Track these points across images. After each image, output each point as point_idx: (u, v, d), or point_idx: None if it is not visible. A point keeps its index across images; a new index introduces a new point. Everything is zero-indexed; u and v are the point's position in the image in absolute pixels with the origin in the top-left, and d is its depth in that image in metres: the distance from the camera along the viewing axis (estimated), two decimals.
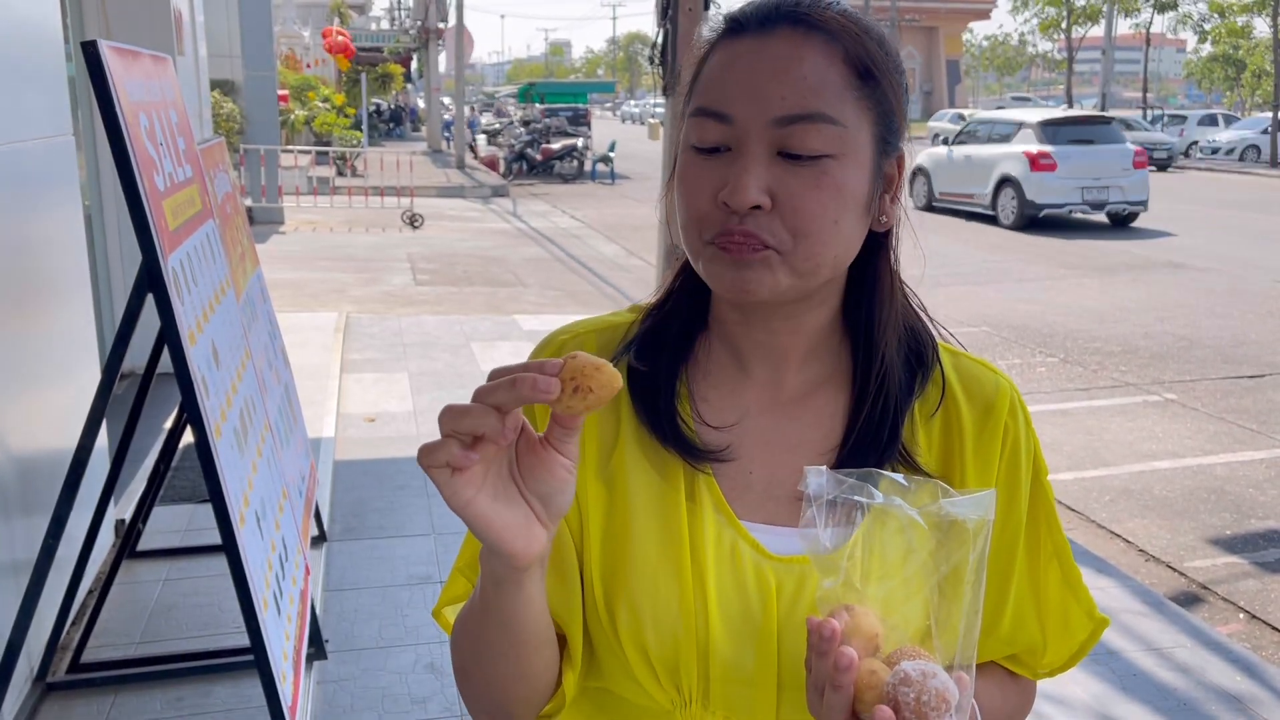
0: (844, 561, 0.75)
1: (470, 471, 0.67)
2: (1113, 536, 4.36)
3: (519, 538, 0.70)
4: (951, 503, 0.74)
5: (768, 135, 0.78)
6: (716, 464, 0.87)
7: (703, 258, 0.82)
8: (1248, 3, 29.28)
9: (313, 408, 5.00)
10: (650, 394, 0.88)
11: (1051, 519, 0.93)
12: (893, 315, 0.89)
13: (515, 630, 0.79)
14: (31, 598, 2.41)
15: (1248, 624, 3.65)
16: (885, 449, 0.86)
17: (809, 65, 0.78)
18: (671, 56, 5.66)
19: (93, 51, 1.92)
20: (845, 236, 0.81)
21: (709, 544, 0.84)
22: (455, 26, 25.08)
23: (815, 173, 0.78)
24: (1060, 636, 0.94)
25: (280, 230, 12.50)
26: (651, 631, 0.84)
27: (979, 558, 0.74)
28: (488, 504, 0.69)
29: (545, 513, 0.71)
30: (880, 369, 0.87)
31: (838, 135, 0.78)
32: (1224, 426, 5.78)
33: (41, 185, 3.05)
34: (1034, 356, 7.31)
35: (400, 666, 3.01)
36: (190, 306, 2.18)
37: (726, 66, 0.81)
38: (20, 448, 2.74)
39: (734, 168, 0.79)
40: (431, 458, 0.66)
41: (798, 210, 0.78)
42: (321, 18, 28.90)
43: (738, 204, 0.78)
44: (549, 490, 0.70)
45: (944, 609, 0.75)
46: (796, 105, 0.77)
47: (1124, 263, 11.34)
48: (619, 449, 0.88)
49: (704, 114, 0.81)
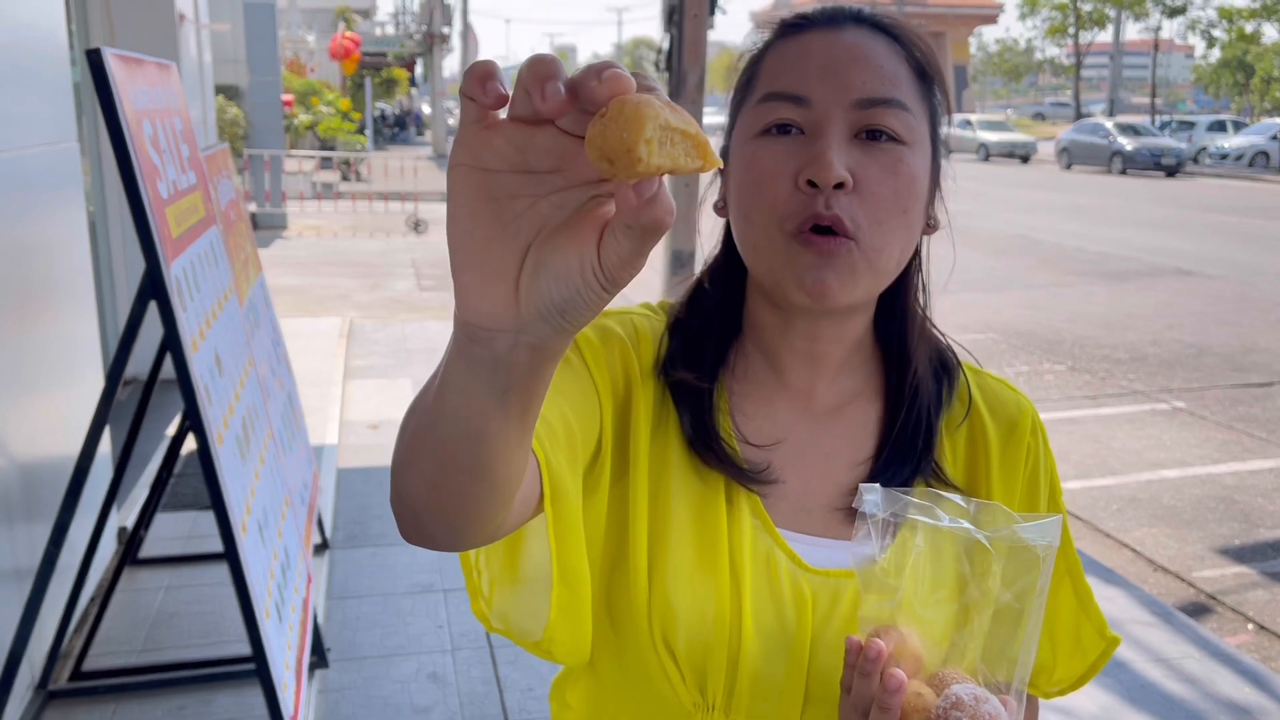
0: (898, 580, 0.74)
1: (497, 129, 0.47)
2: (1120, 546, 4.33)
3: (480, 272, 0.49)
4: (1024, 528, 0.73)
5: (848, 118, 0.78)
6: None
7: (786, 254, 0.79)
8: (1256, 8, 29.22)
9: (315, 414, 5.00)
10: (696, 412, 0.87)
11: (1065, 537, 0.92)
12: (925, 328, 0.90)
13: (455, 428, 0.58)
14: (33, 605, 2.40)
15: (1257, 635, 3.62)
16: (920, 461, 0.86)
17: (882, 55, 0.80)
18: (678, 62, 5.65)
19: (97, 59, 1.92)
20: (911, 230, 0.82)
21: (746, 551, 0.84)
22: (462, 30, 25.13)
23: (892, 158, 0.79)
24: (1071, 655, 0.94)
25: (284, 235, 12.51)
26: (683, 634, 0.82)
27: (1044, 583, 0.73)
28: (479, 189, 0.48)
29: (528, 288, 0.49)
30: (913, 380, 0.87)
31: (911, 124, 0.80)
32: (1233, 435, 5.74)
33: (46, 191, 3.05)
34: (1042, 364, 7.28)
35: (402, 675, 3.00)
36: (193, 314, 2.18)
37: (799, 54, 0.81)
38: (23, 454, 2.74)
39: (814, 147, 0.78)
40: (472, 81, 0.46)
41: (876, 194, 0.78)
42: (327, 23, 28.99)
43: (824, 179, 0.76)
44: (554, 273, 0.48)
45: (998, 634, 0.74)
46: (877, 89, 0.78)
47: (1132, 269, 11.30)
48: (666, 441, 0.87)
49: (777, 98, 0.80)
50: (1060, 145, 28.17)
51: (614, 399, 0.86)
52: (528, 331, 0.50)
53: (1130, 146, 25.47)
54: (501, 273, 0.49)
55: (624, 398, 0.87)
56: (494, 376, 0.53)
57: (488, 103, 0.46)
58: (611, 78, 0.43)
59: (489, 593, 0.82)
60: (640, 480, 0.85)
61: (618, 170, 0.43)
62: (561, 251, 0.48)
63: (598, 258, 0.47)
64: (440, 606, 3.41)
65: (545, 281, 0.48)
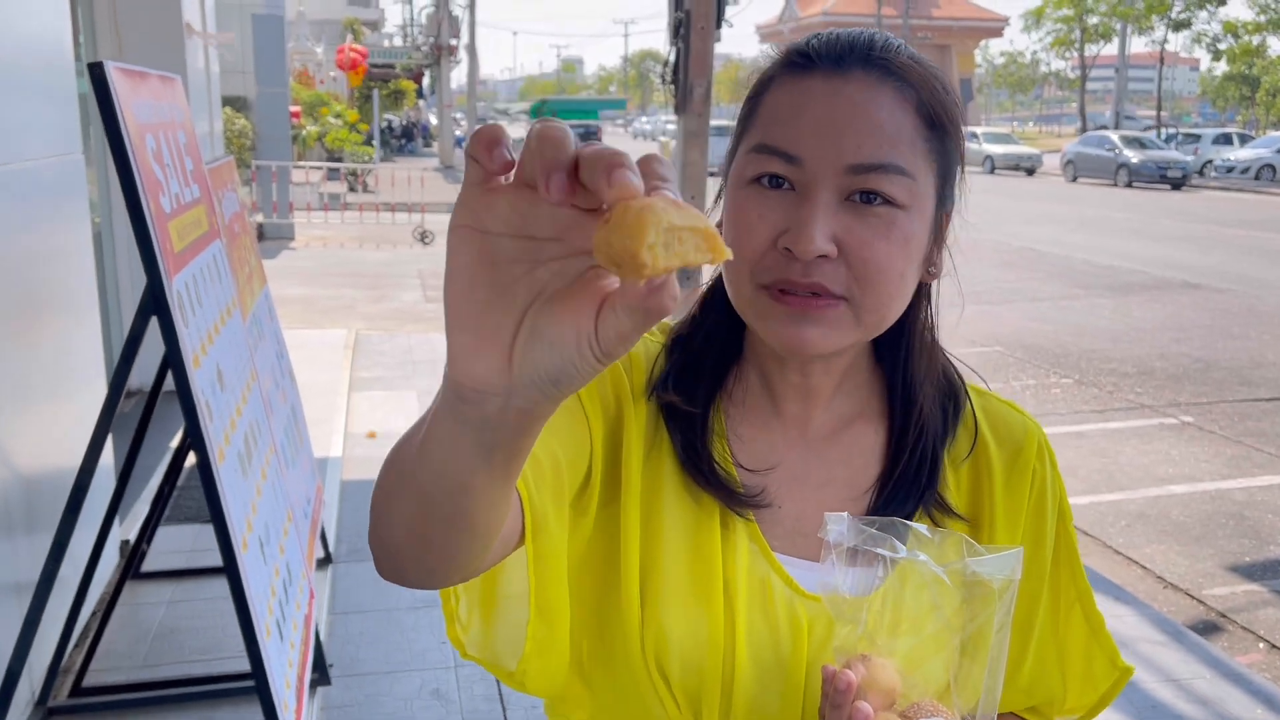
0: (864, 614, 0.74)
1: (500, 194, 0.46)
2: (1129, 563, 4.29)
3: (474, 335, 0.49)
4: (978, 562, 0.73)
5: (839, 182, 0.75)
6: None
7: (756, 303, 0.78)
8: (1261, 22, 29.23)
9: (320, 426, 4.98)
10: (688, 434, 0.86)
11: (1075, 564, 0.91)
12: (932, 362, 0.88)
13: (439, 481, 0.57)
14: (33, 620, 2.38)
15: (1268, 654, 3.58)
16: (924, 492, 0.85)
17: (885, 113, 0.75)
18: (684, 75, 5.66)
19: (99, 73, 1.91)
20: (907, 289, 0.80)
21: (741, 575, 0.83)
22: (469, 44, 25.24)
23: (884, 223, 0.76)
24: (1083, 685, 0.92)
25: (291, 246, 12.54)
26: (676, 658, 0.81)
27: (1004, 617, 0.73)
28: (479, 252, 0.47)
29: (522, 355, 0.48)
30: (919, 420, 0.86)
31: (909, 187, 0.76)
32: (1242, 450, 5.70)
33: (51, 203, 3.04)
34: (1049, 377, 7.25)
35: (405, 692, 2.97)
36: (195, 329, 2.16)
37: (797, 106, 0.77)
38: (26, 466, 2.72)
39: (800, 212, 0.75)
40: (479, 145, 0.46)
41: (867, 261, 0.75)
42: (335, 34, 29.12)
43: (803, 251, 0.74)
44: (549, 341, 0.47)
45: (966, 666, 0.75)
46: (873, 154, 0.75)
47: (1139, 282, 11.27)
48: (659, 463, 0.86)
49: (770, 152, 0.77)
50: (1066, 158, 28.18)
51: (605, 424, 0.85)
52: (518, 396, 0.49)
53: (1136, 159, 25.46)
54: (496, 337, 0.48)
55: (615, 421, 0.86)
56: (481, 435, 0.52)
57: (493, 169, 0.46)
58: (620, 183, 0.42)
59: (466, 619, 0.81)
60: (632, 504, 0.84)
61: (624, 273, 0.43)
62: (558, 321, 0.47)
63: (594, 331, 0.46)
64: (443, 622, 3.38)
65: (539, 349, 0.48)
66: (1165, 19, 35.01)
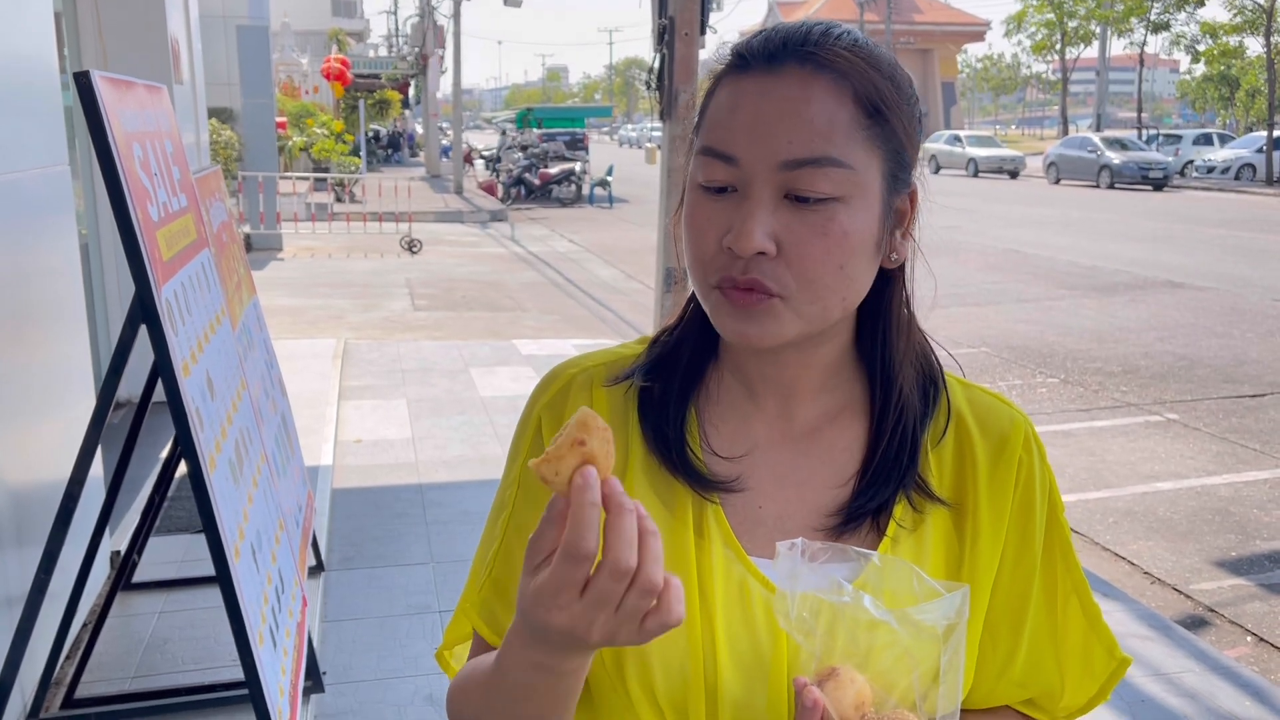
0: (817, 644, 0.75)
1: None
2: (1117, 559, 4.33)
3: None
4: (919, 610, 0.74)
5: (774, 179, 0.76)
6: (725, 495, 0.85)
7: (709, 302, 0.82)
8: (1239, 23, 29.48)
9: (310, 435, 4.98)
10: (659, 420, 0.87)
11: (1069, 555, 0.91)
12: (909, 348, 0.88)
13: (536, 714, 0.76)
14: (24, 632, 2.37)
15: (1255, 647, 3.61)
16: (904, 477, 0.85)
17: (816, 106, 0.76)
18: (668, 81, 5.67)
19: (85, 82, 1.91)
20: (852, 280, 0.80)
21: (717, 580, 0.83)
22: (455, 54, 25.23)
23: (822, 218, 0.77)
24: (1081, 677, 0.91)
25: (279, 257, 12.51)
26: (659, 671, 0.82)
27: (951, 659, 0.74)
28: None
29: None
30: (898, 402, 0.86)
31: (846, 178, 0.76)
32: (1227, 446, 5.75)
33: (38, 215, 3.04)
34: (1034, 377, 7.30)
35: (399, 699, 2.97)
36: (184, 338, 2.17)
37: (732, 107, 0.79)
38: (15, 478, 2.72)
39: (739, 211, 0.77)
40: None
41: (803, 258, 0.77)
42: (320, 45, 29.09)
43: (741, 250, 0.76)
44: None
45: (928, 686, 0.76)
46: (803, 149, 0.75)
47: (1123, 282, 11.35)
48: (627, 479, 0.86)
49: (710, 154, 0.79)
50: (1049, 160, 28.35)
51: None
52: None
53: (1118, 161, 25.64)
54: None
55: None
56: (572, 681, 0.73)
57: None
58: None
59: (459, 658, 0.96)
60: None
61: None
62: None
63: None
64: (437, 628, 3.38)
65: None
66: (1144, 21, 35.27)
